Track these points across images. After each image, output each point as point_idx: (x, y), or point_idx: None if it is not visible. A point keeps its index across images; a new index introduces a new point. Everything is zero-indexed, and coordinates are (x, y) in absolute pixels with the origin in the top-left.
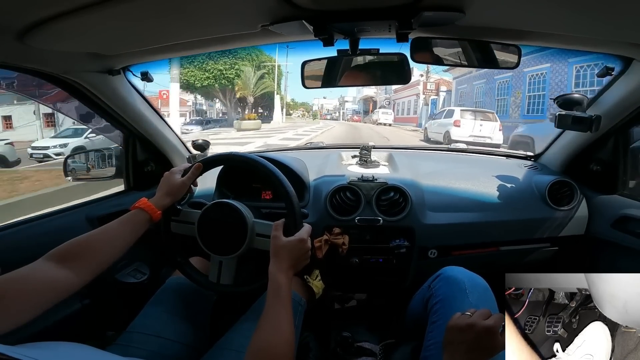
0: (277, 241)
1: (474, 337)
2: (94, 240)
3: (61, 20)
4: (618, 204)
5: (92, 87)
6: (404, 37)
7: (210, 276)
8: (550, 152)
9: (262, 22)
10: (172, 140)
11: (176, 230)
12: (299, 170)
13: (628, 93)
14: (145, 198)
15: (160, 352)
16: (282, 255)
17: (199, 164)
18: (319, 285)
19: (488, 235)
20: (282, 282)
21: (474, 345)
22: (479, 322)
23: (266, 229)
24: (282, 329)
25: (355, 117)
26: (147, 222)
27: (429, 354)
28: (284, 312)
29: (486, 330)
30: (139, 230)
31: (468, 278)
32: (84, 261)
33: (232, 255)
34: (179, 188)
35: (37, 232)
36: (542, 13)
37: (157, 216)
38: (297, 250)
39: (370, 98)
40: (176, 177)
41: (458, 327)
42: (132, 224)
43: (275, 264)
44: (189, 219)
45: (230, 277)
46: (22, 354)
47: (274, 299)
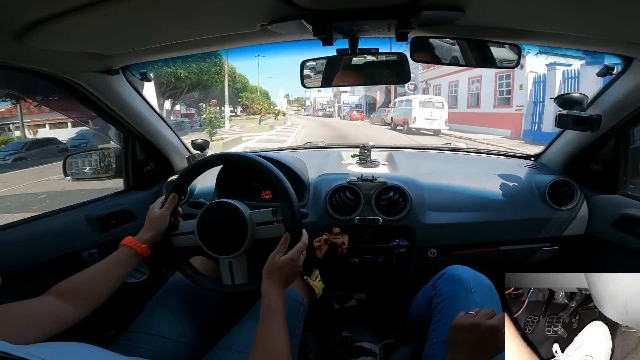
0: (272, 261)
1: (478, 336)
2: (85, 279)
3: (59, 20)
4: (618, 203)
5: (91, 87)
6: (404, 36)
7: (224, 279)
8: (550, 151)
9: (261, 21)
10: (172, 140)
11: (178, 243)
12: (299, 170)
13: (628, 92)
14: (131, 236)
15: (163, 352)
16: (273, 274)
17: (173, 194)
18: (318, 286)
19: (488, 235)
20: (273, 298)
21: (478, 344)
22: (483, 322)
23: (264, 216)
24: (276, 346)
25: (355, 114)
26: (134, 257)
27: (432, 352)
28: (278, 328)
29: (491, 329)
30: (127, 266)
31: (473, 277)
32: (80, 298)
33: (238, 252)
34: (158, 220)
35: (37, 231)
36: (542, 12)
37: (142, 250)
38: (288, 268)
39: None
40: (154, 211)
41: (462, 326)
42: (118, 261)
43: (267, 281)
44: (188, 228)
45: (244, 276)
46: (29, 354)
47: (266, 317)
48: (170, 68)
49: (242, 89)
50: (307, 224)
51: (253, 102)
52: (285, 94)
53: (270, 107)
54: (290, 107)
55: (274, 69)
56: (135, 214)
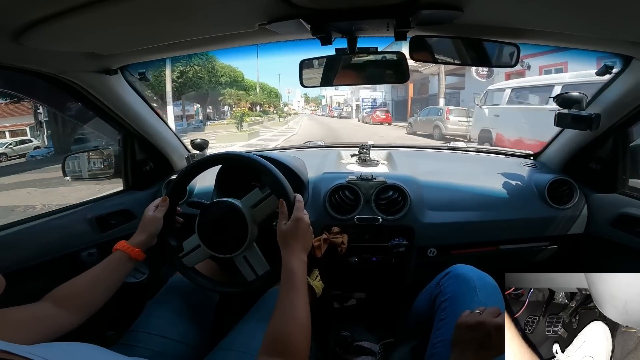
0: (280, 230)
1: (485, 335)
2: (80, 285)
3: (57, 20)
4: (617, 202)
5: (90, 87)
6: (402, 35)
7: (247, 276)
8: (549, 150)
9: (259, 21)
10: (171, 140)
11: (190, 263)
12: (298, 169)
13: (627, 91)
14: (124, 240)
15: (163, 352)
16: (288, 241)
17: (164, 197)
18: (318, 285)
19: (487, 234)
20: (295, 266)
21: (484, 343)
22: (489, 320)
23: (254, 197)
24: (297, 315)
25: (379, 115)
26: (128, 261)
27: (436, 351)
28: (298, 297)
29: (497, 328)
30: (122, 270)
31: (477, 276)
32: (76, 304)
33: (247, 243)
34: (151, 222)
35: (37, 231)
36: (541, 11)
37: (135, 254)
38: (298, 229)
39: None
40: (148, 214)
41: (468, 325)
42: (113, 266)
43: (285, 251)
44: (192, 244)
45: (264, 264)
46: (33, 353)
47: (287, 286)
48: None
49: (230, 83)
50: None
51: (239, 101)
52: (303, 93)
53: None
54: (307, 107)
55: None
56: (135, 214)
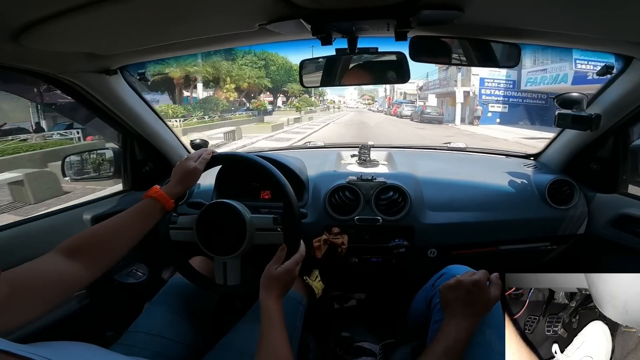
0: (269, 272)
1: (466, 292)
2: (102, 234)
3: (56, 20)
4: (618, 203)
5: (89, 87)
6: (403, 35)
7: (216, 278)
8: (550, 151)
9: (259, 21)
10: (170, 140)
11: (176, 237)
12: (298, 170)
13: (628, 92)
14: (158, 186)
15: (163, 352)
16: (271, 284)
17: (210, 150)
18: (318, 286)
19: (488, 234)
20: (272, 308)
21: (468, 299)
22: (465, 278)
23: (264, 222)
24: (278, 349)
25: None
26: (159, 212)
27: None
28: (278, 334)
29: (474, 283)
30: (150, 222)
31: None
32: (93, 255)
33: (235, 255)
34: (192, 174)
35: (36, 231)
36: (542, 12)
37: (169, 205)
38: (285, 280)
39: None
40: (189, 163)
41: (448, 286)
42: (143, 215)
43: (265, 292)
44: (187, 224)
45: (237, 277)
46: (33, 353)
47: (267, 324)
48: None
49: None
50: (306, 224)
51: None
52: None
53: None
54: (361, 100)
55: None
56: None
